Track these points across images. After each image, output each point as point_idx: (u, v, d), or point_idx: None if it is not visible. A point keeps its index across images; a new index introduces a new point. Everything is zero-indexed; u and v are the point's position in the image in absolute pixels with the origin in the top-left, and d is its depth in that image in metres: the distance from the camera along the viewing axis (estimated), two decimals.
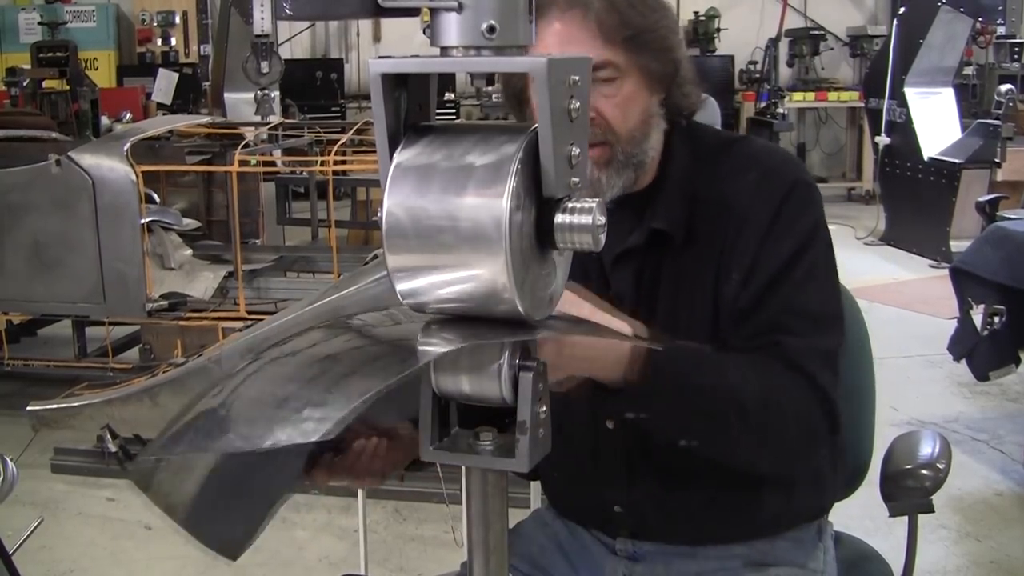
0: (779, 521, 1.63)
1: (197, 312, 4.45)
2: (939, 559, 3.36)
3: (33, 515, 3.58)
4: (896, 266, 7.63)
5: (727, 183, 1.54)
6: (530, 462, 0.95)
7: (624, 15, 1.46)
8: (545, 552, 1.74)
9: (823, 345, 1.48)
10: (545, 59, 0.86)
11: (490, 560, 1.02)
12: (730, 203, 1.52)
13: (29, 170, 4.38)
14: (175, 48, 10.89)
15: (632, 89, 1.49)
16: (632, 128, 1.50)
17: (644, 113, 1.52)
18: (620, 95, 1.49)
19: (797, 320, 1.47)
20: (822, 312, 1.51)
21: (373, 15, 0.89)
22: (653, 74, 1.51)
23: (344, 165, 4.90)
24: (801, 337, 1.46)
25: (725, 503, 1.57)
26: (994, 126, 7.23)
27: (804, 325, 1.48)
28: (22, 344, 5.28)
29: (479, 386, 0.95)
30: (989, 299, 3.82)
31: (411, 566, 3.40)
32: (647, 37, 1.49)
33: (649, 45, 1.49)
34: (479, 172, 0.88)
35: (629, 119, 1.50)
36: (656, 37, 1.50)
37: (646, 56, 1.49)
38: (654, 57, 1.50)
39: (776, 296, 1.48)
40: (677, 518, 1.60)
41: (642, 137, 1.52)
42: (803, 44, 10.88)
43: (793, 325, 1.47)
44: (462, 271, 0.89)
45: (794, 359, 1.44)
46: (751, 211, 1.50)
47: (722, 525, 1.60)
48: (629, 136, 1.50)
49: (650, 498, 1.60)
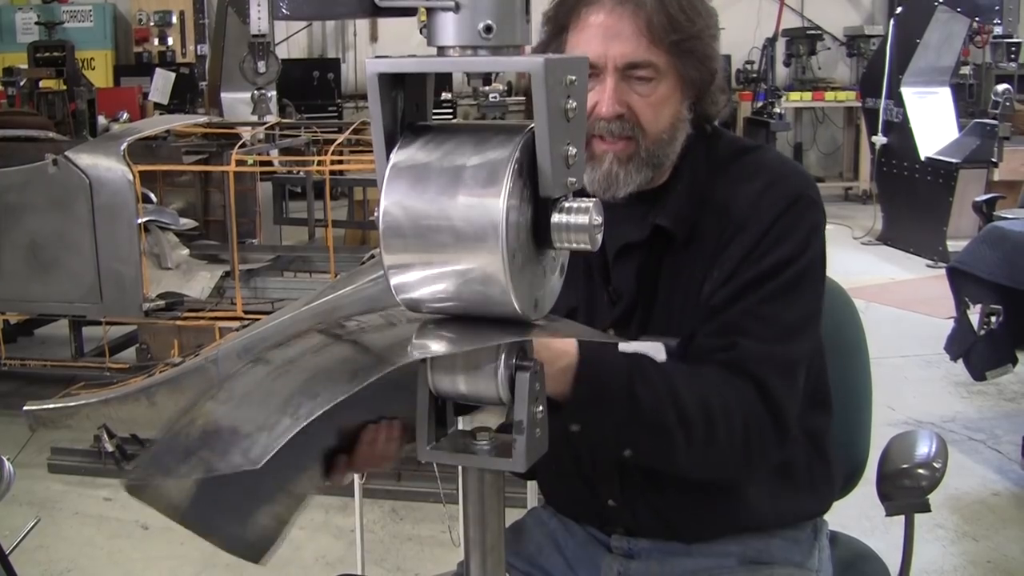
0: (771, 519, 1.63)
1: (194, 312, 4.44)
2: (936, 559, 3.36)
3: (30, 515, 3.58)
4: (893, 266, 7.63)
5: (732, 188, 1.55)
6: (527, 462, 0.95)
7: (674, 19, 1.48)
8: (542, 550, 1.75)
9: (782, 353, 1.49)
10: (542, 59, 0.86)
11: (487, 559, 1.02)
12: (731, 208, 1.53)
13: (26, 170, 4.37)
14: (172, 48, 10.88)
15: (667, 91, 1.51)
16: (661, 129, 1.52)
17: (674, 116, 1.54)
18: (655, 95, 1.50)
19: (760, 325, 1.48)
20: (790, 323, 1.51)
21: (370, 15, 0.89)
22: (690, 80, 1.53)
23: (341, 165, 4.90)
24: (759, 342, 1.47)
25: (712, 500, 1.58)
26: (991, 126, 7.23)
27: (766, 331, 1.48)
28: (19, 344, 5.28)
29: (476, 386, 0.95)
30: (986, 299, 3.82)
31: (408, 566, 3.40)
32: (692, 44, 1.50)
33: (692, 52, 1.51)
34: (476, 172, 0.88)
35: (660, 120, 1.51)
36: (700, 44, 1.51)
37: (687, 62, 1.51)
38: (694, 64, 1.52)
39: (746, 300, 1.49)
40: (668, 514, 1.61)
41: (669, 139, 1.54)
42: (800, 44, 10.88)
43: (754, 329, 1.48)
44: (459, 270, 0.89)
45: (745, 363, 1.45)
46: (749, 218, 1.52)
47: (712, 521, 1.61)
48: (657, 136, 1.51)
49: (641, 493, 1.61)
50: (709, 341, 1.49)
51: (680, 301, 1.54)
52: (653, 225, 1.54)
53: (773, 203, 1.52)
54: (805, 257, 1.52)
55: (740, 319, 1.48)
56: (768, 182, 1.55)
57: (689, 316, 1.53)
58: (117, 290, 4.34)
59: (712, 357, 1.47)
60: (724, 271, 1.51)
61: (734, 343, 1.47)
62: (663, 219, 1.54)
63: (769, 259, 1.50)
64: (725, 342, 1.47)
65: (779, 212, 1.51)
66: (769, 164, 1.61)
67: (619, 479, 1.61)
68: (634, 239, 1.56)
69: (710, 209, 1.55)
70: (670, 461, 1.48)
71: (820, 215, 1.57)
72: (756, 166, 1.59)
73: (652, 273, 1.56)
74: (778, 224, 1.51)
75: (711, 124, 1.62)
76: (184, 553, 3.45)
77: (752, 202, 1.53)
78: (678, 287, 1.55)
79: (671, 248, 1.55)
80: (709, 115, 1.60)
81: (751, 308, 1.48)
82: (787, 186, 1.55)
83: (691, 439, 1.42)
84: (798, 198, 1.54)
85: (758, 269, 1.49)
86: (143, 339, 4.58)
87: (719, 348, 1.47)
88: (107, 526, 3.71)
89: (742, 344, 1.46)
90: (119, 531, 3.67)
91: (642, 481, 1.59)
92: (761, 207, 1.52)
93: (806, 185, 1.59)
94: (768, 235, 1.50)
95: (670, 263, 1.56)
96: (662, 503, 1.60)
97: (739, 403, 1.44)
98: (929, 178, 7.68)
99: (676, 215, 1.54)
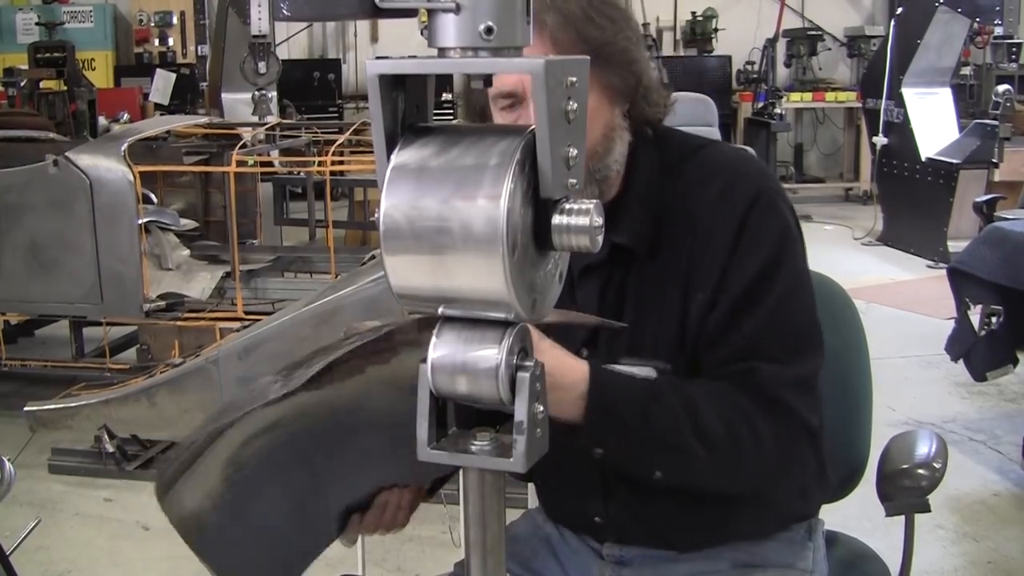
0: (761, 527, 1.63)
1: (194, 312, 4.45)
2: (936, 559, 3.36)
3: (31, 515, 3.57)
4: (894, 266, 7.63)
5: (690, 195, 1.51)
6: (527, 462, 0.95)
7: (581, 31, 1.43)
8: (537, 554, 1.75)
9: (799, 371, 1.47)
10: (543, 60, 0.86)
11: (487, 560, 1.02)
12: (694, 216, 1.49)
13: (26, 170, 4.38)
14: (172, 48, 10.88)
15: (592, 104, 1.43)
16: (594, 143, 1.46)
17: (606, 127, 1.49)
18: None
19: (772, 344, 1.46)
20: (799, 333, 1.50)
21: (371, 16, 0.89)
22: (614, 88, 1.48)
23: (341, 166, 4.90)
24: (777, 363, 1.45)
25: (702, 512, 1.57)
26: (992, 126, 7.23)
27: (780, 349, 1.46)
28: (20, 344, 5.28)
29: (476, 386, 0.95)
30: (987, 299, 3.82)
31: (408, 566, 3.40)
32: (606, 51, 1.45)
33: (608, 60, 1.45)
34: (477, 173, 0.88)
35: (591, 134, 1.44)
36: (616, 51, 1.46)
37: (606, 71, 1.46)
38: (614, 71, 1.47)
39: (750, 317, 1.46)
40: (657, 527, 1.60)
41: (604, 152, 1.49)
42: (801, 44, 10.87)
43: (768, 350, 1.46)
44: (459, 272, 0.89)
45: (769, 390, 1.44)
46: (714, 225, 1.48)
47: (702, 532, 1.60)
48: (591, 152, 1.45)
49: (627, 509, 1.60)
50: (724, 369, 1.46)
51: (651, 320, 1.51)
52: (611, 244, 1.50)
53: (735, 204, 1.48)
54: (786, 255, 1.49)
55: (751, 343, 1.45)
56: (726, 182, 1.51)
57: (663, 335, 1.50)
58: (117, 291, 4.34)
59: (730, 380, 1.45)
60: (708, 288, 1.47)
61: (752, 369, 1.44)
62: (620, 236, 1.50)
63: (751, 269, 1.46)
64: (742, 367, 1.45)
65: (743, 214, 1.47)
66: (723, 162, 1.56)
67: (603, 497, 1.61)
68: (592, 260, 1.52)
69: (670, 217, 1.51)
70: (696, 480, 1.47)
71: (785, 206, 1.53)
72: (710, 165, 1.55)
73: (616, 292, 1.53)
74: (747, 228, 1.47)
75: (653, 126, 1.57)
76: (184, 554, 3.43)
77: (713, 206, 1.49)
78: (646, 305, 1.51)
79: (634, 264, 1.52)
80: (648, 117, 1.55)
81: (757, 326, 1.46)
82: (745, 185, 1.51)
83: (715, 458, 1.41)
84: (759, 195, 1.50)
85: (747, 277, 1.46)
86: (143, 340, 4.58)
87: (736, 374, 1.45)
88: (108, 527, 3.71)
89: (760, 370, 1.44)
90: (120, 532, 3.67)
91: (627, 496, 1.58)
92: (724, 210, 1.48)
93: (764, 178, 1.56)
94: (740, 242, 1.47)
95: (635, 280, 1.52)
96: (650, 516, 1.59)
97: (761, 423, 1.43)
98: (930, 179, 7.68)
99: (633, 231, 1.51)
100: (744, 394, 1.43)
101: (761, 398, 1.43)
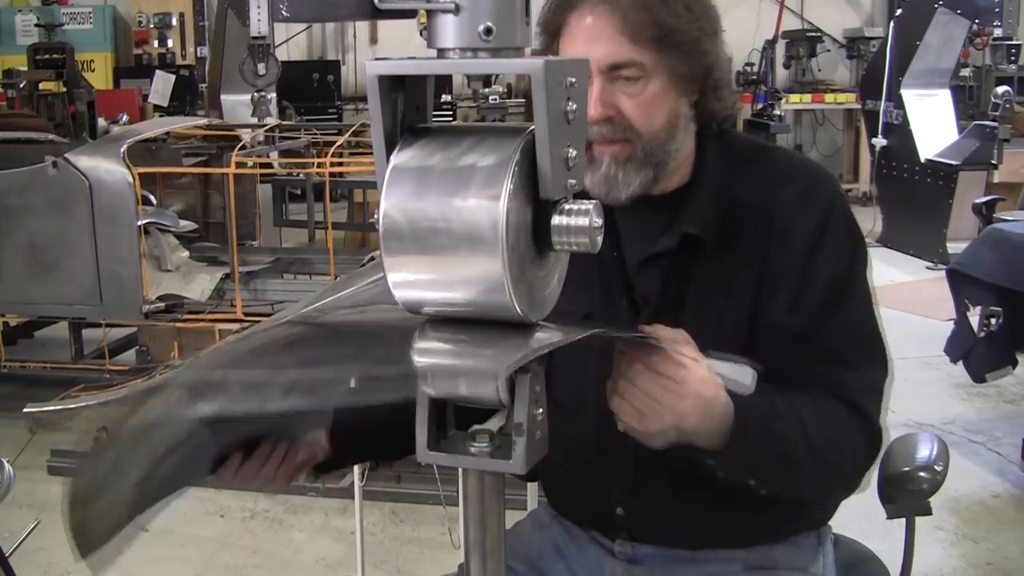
0: (781, 527, 1.63)
1: (194, 314, 4.45)
2: (936, 561, 3.36)
3: (30, 517, 3.55)
4: (893, 268, 7.62)
5: (767, 192, 1.53)
6: (526, 464, 0.95)
7: (654, 14, 1.44)
8: (543, 553, 1.73)
9: (875, 379, 1.53)
10: (542, 61, 0.86)
11: (487, 562, 1.02)
12: (771, 213, 1.50)
13: (26, 172, 4.37)
14: (172, 50, 10.90)
15: (657, 89, 1.46)
16: (657, 128, 1.48)
17: (670, 114, 1.49)
18: (644, 94, 1.46)
19: (853, 351, 1.50)
20: (875, 339, 1.54)
21: (370, 17, 0.89)
22: (682, 76, 1.48)
23: (341, 167, 4.90)
24: (857, 371, 1.50)
25: (729, 508, 1.57)
26: (991, 128, 7.24)
27: (859, 356, 1.51)
28: (19, 346, 5.28)
29: (476, 388, 0.95)
30: (986, 301, 3.82)
31: (408, 568, 3.40)
32: (677, 38, 1.45)
33: (679, 47, 1.46)
34: (476, 174, 0.88)
35: (653, 119, 1.47)
36: (687, 39, 1.47)
37: (674, 57, 1.46)
38: (682, 59, 1.47)
39: (832, 321, 1.49)
40: (679, 522, 1.59)
41: (667, 138, 1.49)
42: (800, 46, 10.89)
43: (850, 357, 1.49)
44: (459, 273, 0.89)
45: (852, 397, 1.48)
46: (795, 225, 1.50)
47: (724, 530, 1.60)
48: (652, 136, 1.47)
49: (655, 501, 1.59)
50: (809, 370, 1.48)
51: (714, 311, 1.51)
52: (682, 233, 1.50)
53: (816, 207, 1.51)
54: (860, 261, 1.53)
55: (834, 346, 1.49)
56: (807, 183, 1.54)
57: (727, 327, 1.50)
58: (117, 292, 4.34)
59: (816, 384, 1.48)
60: (791, 288, 1.49)
61: (836, 372, 1.48)
62: (691, 226, 1.50)
63: (835, 267, 1.49)
64: (825, 370, 1.48)
65: (824, 217, 1.50)
66: (798, 164, 1.60)
67: (633, 487, 1.60)
68: (659, 249, 1.52)
69: (742, 212, 1.52)
70: (794, 490, 1.52)
71: (851, 212, 1.57)
72: (786, 165, 1.57)
73: (680, 282, 1.53)
74: (828, 228, 1.50)
75: (719, 122, 1.58)
76: (184, 555, 3.45)
77: (793, 206, 1.51)
78: (712, 297, 1.51)
79: (701, 256, 1.52)
80: (716, 111, 1.56)
81: (839, 331, 1.49)
82: (826, 188, 1.55)
83: (816, 471, 1.46)
84: (835, 196, 1.54)
85: (828, 279, 1.49)
86: (143, 341, 4.58)
87: (820, 375, 1.48)
88: None
89: (843, 375, 1.48)
90: None
91: (658, 490, 1.58)
92: (805, 212, 1.50)
93: (835, 183, 1.60)
94: (824, 239, 1.49)
95: (700, 271, 1.52)
96: (674, 511, 1.58)
97: (849, 432, 1.48)
98: (929, 180, 7.68)
99: (703, 220, 1.51)
100: (840, 404, 1.47)
101: (851, 408, 1.48)
